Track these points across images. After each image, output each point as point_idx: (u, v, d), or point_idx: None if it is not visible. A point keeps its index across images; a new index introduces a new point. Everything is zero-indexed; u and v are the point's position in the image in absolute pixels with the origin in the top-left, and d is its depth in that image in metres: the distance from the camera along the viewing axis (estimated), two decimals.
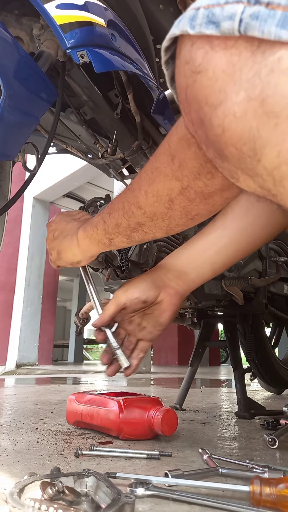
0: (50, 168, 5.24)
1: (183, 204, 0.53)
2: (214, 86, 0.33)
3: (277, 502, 0.47)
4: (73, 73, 0.90)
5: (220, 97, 0.33)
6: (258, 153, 0.32)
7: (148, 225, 0.60)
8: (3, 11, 0.82)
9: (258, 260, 1.28)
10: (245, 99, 0.31)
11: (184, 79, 0.35)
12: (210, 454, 0.69)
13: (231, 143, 0.33)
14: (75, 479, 0.50)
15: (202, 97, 0.34)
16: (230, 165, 0.36)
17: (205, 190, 0.49)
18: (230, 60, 0.31)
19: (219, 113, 0.33)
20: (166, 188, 0.53)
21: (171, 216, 0.56)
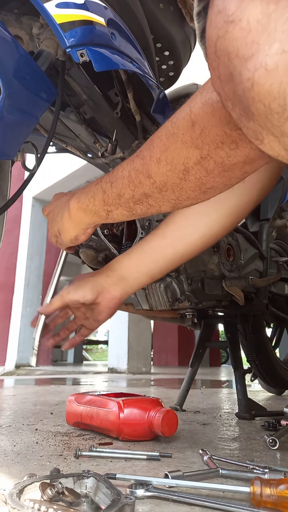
0: (49, 168, 5.25)
1: (198, 175, 0.49)
2: (246, 37, 0.32)
3: (277, 503, 0.46)
4: (72, 72, 0.90)
5: (252, 49, 0.31)
6: (287, 110, 0.31)
7: (155, 197, 0.56)
8: (3, 10, 0.82)
9: (259, 260, 1.28)
10: (279, 51, 0.30)
11: (216, 30, 0.34)
12: (210, 455, 0.69)
13: (260, 98, 0.32)
14: (75, 480, 0.50)
15: (233, 49, 0.33)
16: (256, 125, 0.35)
17: (226, 161, 0.46)
18: (266, 9, 0.30)
19: (249, 66, 0.32)
20: (183, 157, 0.49)
21: (183, 188, 0.52)
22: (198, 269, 1.05)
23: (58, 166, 5.31)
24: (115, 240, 1.00)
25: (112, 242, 0.98)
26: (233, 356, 1.27)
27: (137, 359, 4.75)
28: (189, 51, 1.05)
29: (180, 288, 1.07)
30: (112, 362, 4.83)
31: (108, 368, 4.85)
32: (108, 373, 4.66)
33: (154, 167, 0.53)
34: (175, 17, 0.95)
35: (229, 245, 1.10)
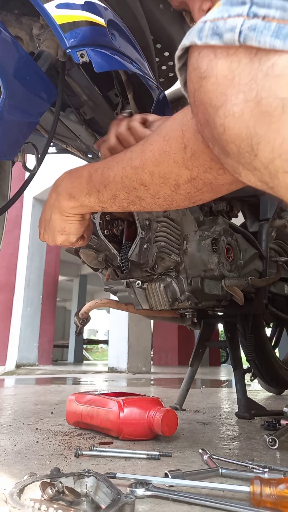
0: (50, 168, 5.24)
1: (188, 191, 0.53)
2: (216, 90, 0.37)
3: (277, 502, 0.46)
4: (73, 72, 0.90)
5: (221, 99, 0.37)
6: (254, 148, 0.36)
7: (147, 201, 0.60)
8: (3, 11, 0.82)
9: (259, 260, 1.28)
10: (243, 100, 0.35)
11: (192, 85, 0.40)
12: (210, 455, 0.69)
13: (231, 140, 0.37)
14: (75, 480, 0.50)
15: (207, 100, 0.38)
16: (232, 161, 0.39)
17: (214, 182, 0.50)
18: (231, 67, 0.36)
19: (220, 114, 0.37)
20: (174, 174, 0.53)
21: (174, 198, 0.56)
22: (197, 269, 1.06)
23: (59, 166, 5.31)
24: (115, 240, 1.00)
25: (112, 242, 0.98)
26: (233, 356, 1.27)
27: (137, 358, 4.76)
28: None
29: (180, 288, 1.07)
30: (112, 362, 4.83)
31: (108, 367, 4.85)
32: (108, 372, 4.66)
33: (148, 178, 0.56)
34: (175, 17, 0.95)
35: (228, 245, 1.10)
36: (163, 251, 1.01)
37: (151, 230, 1.00)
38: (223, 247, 1.07)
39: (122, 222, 1.00)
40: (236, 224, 1.26)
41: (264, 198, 1.36)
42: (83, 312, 1.24)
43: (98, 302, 1.26)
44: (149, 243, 0.98)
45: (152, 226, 1.01)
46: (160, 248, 1.00)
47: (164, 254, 1.01)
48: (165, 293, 1.04)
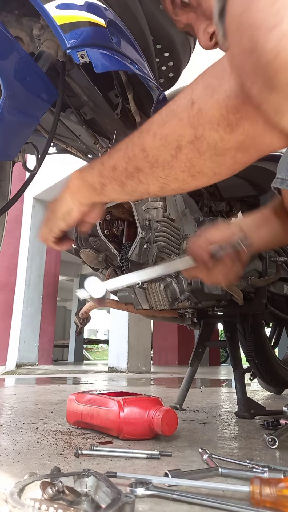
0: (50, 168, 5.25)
1: (190, 155, 0.51)
2: (271, 7, 0.34)
3: (277, 502, 0.47)
4: (73, 73, 0.90)
5: (276, 19, 0.33)
6: None
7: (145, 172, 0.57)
8: (3, 11, 0.82)
9: (258, 260, 1.28)
10: None
11: (239, 5, 0.36)
12: (210, 454, 0.69)
13: (284, 67, 0.33)
14: (75, 479, 0.50)
15: (258, 20, 0.34)
16: (278, 96, 0.36)
17: (220, 144, 0.48)
18: None
19: (274, 36, 0.33)
20: (177, 134, 0.51)
21: (173, 166, 0.53)
22: None
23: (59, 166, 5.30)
24: (115, 240, 1.00)
25: (112, 242, 0.98)
26: (233, 356, 1.27)
27: (137, 358, 4.76)
28: (188, 52, 1.06)
29: (179, 288, 1.07)
30: (112, 361, 4.83)
31: (108, 367, 4.86)
32: (108, 372, 4.66)
33: (149, 140, 0.54)
34: None
35: None
36: (163, 251, 1.01)
37: (151, 230, 1.00)
38: None
39: (122, 222, 1.00)
40: None
41: (264, 198, 1.36)
42: (83, 312, 1.24)
43: None
44: (149, 243, 0.98)
45: (152, 226, 1.01)
46: (160, 248, 1.01)
47: (164, 254, 1.01)
48: (165, 293, 1.05)
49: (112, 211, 0.98)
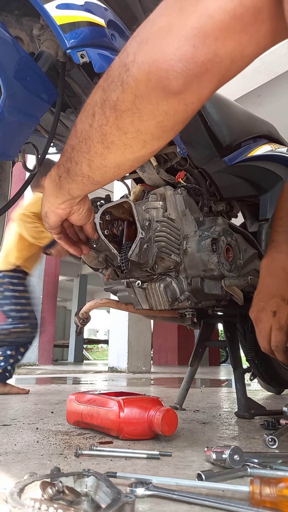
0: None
1: (100, 122, 0.54)
2: None
3: (277, 502, 0.47)
4: (73, 73, 0.90)
5: None
6: None
7: (76, 150, 0.59)
8: (4, 12, 0.82)
9: (258, 260, 1.28)
10: None
11: None
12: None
13: None
14: (75, 479, 0.50)
15: None
16: None
17: (118, 104, 0.51)
18: None
19: None
20: (93, 100, 0.54)
21: (90, 137, 0.56)
22: (197, 269, 1.06)
23: None
24: (115, 240, 1.00)
25: (112, 242, 0.98)
26: (233, 356, 1.27)
27: (137, 358, 4.76)
28: None
29: (179, 288, 1.07)
30: (112, 361, 4.84)
31: (108, 367, 4.86)
32: (108, 372, 4.67)
33: (80, 115, 0.58)
34: None
35: (228, 245, 1.10)
36: (163, 251, 1.01)
37: (151, 230, 1.00)
38: (222, 247, 1.07)
39: (122, 222, 1.00)
40: (236, 224, 1.26)
41: (264, 198, 1.36)
42: (83, 312, 1.24)
43: (98, 302, 1.26)
44: (149, 243, 0.98)
45: (152, 226, 1.01)
46: (160, 248, 1.00)
47: (164, 254, 1.01)
48: (165, 293, 1.05)
49: (112, 211, 0.98)
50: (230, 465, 0.60)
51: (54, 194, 0.68)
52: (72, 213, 0.73)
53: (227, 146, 1.18)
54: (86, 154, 0.58)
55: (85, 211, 0.75)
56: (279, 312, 0.90)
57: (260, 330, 0.93)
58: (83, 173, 0.61)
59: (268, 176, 1.30)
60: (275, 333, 0.90)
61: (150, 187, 1.14)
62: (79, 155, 0.59)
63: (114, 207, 0.97)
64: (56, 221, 0.73)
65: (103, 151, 0.56)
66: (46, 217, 0.73)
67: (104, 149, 0.56)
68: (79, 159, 0.59)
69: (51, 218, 0.73)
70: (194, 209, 1.13)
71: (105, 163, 0.58)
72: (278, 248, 0.97)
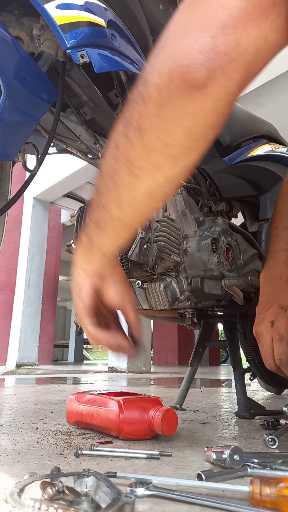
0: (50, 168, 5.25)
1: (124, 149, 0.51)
2: None
3: (277, 502, 0.47)
4: (73, 73, 0.90)
5: None
6: None
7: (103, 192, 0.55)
8: (4, 12, 0.82)
9: (258, 260, 1.28)
10: None
11: None
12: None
13: None
14: (75, 479, 0.50)
15: None
16: None
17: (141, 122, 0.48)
18: None
19: None
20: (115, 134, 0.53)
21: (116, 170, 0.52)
22: (197, 269, 1.06)
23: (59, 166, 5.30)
24: None
25: None
26: (233, 356, 1.27)
27: (137, 358, 4.76)
28: None
29: (179, 288, 1.07)
30: (112, 361, 4.84)
31: (108, 367, 4.86)
32: (108, 372, 4.67)
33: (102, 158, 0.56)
34: None
35: (228, 245, 1.10)
36: (163, 251, 1.01)
37: (151, 230, 1.00)
38: (222, 247, 1.07)
39: None
40: (236, 224, 1.26)
41: (264, 198, 1.36)
42: None
43: None
44: (149, 243, 0.98)
45: (152, 226, 1.01)
46: (160, 248, 1.01)
47: (164, 254, 1.01)
48: (165, 293, 1.05)
49: None
50: (230, 465, 0.60)
51: (85, 259, 0.62)
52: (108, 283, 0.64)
53: (227, 146, 1.18)
54: (114, 191, 0.53)
55: (121, 279, 0.66)
56: (277, 321, 0.86)
57: (262, 344, 0.88)
58: (113, 216, 0.55)
59: (268, 176, 1.30)
60: (276, 345, 0.85)
61: None
62: (107, 196, 0.54)
63: None
64: (89, 292, 0.64)
65: (131, 180, 0.51)
66: (78, 288, 0.64)
67: (132, 177, 0.51)
68: (107, 201, 0.55)
69: (83, 288, 0.64)
70: (194, 209, 1.13)
71: (135, 195, 0.52)
72: (275, 257, 0.96)
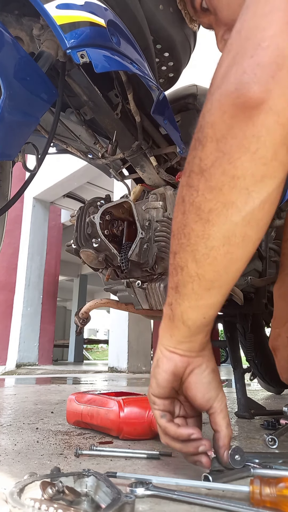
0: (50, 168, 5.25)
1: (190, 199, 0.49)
2: None
3: (277, 502, 0.47)
4: (73, 73, 0.90)
5: None
6: None
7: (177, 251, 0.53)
8: (3, 11, 0.82)
9: (258, 260, 1.28)
10: None
11: None
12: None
13: None
14: (75, 479, 0.50)
15: None
16: None
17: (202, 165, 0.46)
18: None
19: None
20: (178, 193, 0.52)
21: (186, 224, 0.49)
22: None
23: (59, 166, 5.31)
24: (115, 240, 1.00)
25: (112, 242, 0.98)
26: (233, 356, 1.27)
27: (137, 358, 4.76)
28: (188, 53, 1.06)
29: None
30: (112, 361, 4.83)
31: (108, 367, 4.86)
32: (108, 372, 4.66)
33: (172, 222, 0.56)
34: (174, 18, 0.95)
35: None
36: (163, 251, 1.01)
37: (151, 230, 1.00)
38: None
39: (122, 222, 1.00)
40: None
41: None
42: (83, 312, 1.24)
43: (98, 302, 1.26)
44: (149, 243, 0.98)
45: (152, 226, 1.01)
46: (160, 248, 1.00)
47: (164, 254, 1.01)
48: (165, 293, 1.05)
49: (112, 211, 0.98)
50: (231, 465, 0.60)
51: (168, 333, 0.56)
52: (192, 369, 0.57)
53: None
54: (187, 245, 0.49)
55: (211, 370, 0.60)
56: None
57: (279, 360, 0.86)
58: (190, 274, 0.50)
59: None
60: None
61: (150, 187, 1.14)
62: (181, 253, 0.50)
63: (114, 207, 0.97)
64: (166, 376, 0.56)
65: (204, 228, 0.47)
66: (155, 368, 0.58)
67: (204, 224, 0.47)
68: (182, 258, 0.50)
69: (161, 368, 0.56)
70: None
71: (210, 243, 0.47)
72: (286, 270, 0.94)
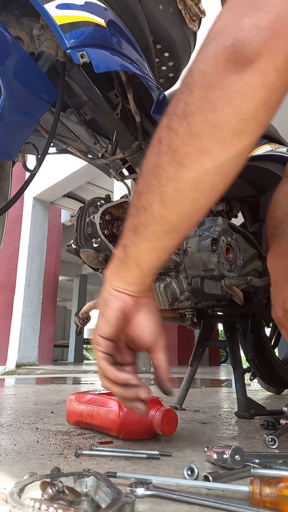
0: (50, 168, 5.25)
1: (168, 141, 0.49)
2: None
3: (277, 502, 0.47)
4: (73, 73, 0.90)
5: None
6: None
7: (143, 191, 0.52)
8: (4, 12, 0.82)
9: (258, 260, 1.28)
10: None
11: None
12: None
13: None
14: (75, 479, 0.50)
15: None
16: None
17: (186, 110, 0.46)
18: None
19: None
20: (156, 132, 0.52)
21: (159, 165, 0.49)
22: (197, 269, 1.06)
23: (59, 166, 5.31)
24: (115, 240, 1.00)
25: (112, 242, 0.98)
26: (233, 356, 1.27)
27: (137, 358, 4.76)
28: (188, 52, 1.06)
29: (179, 288, 1.07)
30: None
31: None
32: None
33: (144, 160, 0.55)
34: (174, 18, 0.95)
35: (228, 245, 1.10)
36: None
37: None
38: (222, 247, 1.07)
39: (122, 222, 1.00)
40: (236, 224, 1.26)
41: (264, 198, 1.36)
42: (84, 311, 1.24)
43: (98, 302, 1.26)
44: None
45: None
46: None
47: None
48: (165, 293, 1.05)
49: (112, 211, 0.98)
50: (231, 465, 0.60)
51: (117, 273, 0.57)
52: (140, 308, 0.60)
53: None
54: (156, 187, 0.49)
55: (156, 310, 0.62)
56: None
57: None
58: (154, 215, 0.51)
59: (268, 176, 1.30)
60: None
61: None
62: (148, 194, 0.50)
63: (114, 207, 0.97)
64: (116, 313, 0.59)
65: (176, 171, 0.47)
66: (103, 307, 0.59)
67: (177, 167, 0.47)
68: (148, 199, 0.51)
69: (110, 306, 0.58)
70: None
71: (179, 186, 0.48)
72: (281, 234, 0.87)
